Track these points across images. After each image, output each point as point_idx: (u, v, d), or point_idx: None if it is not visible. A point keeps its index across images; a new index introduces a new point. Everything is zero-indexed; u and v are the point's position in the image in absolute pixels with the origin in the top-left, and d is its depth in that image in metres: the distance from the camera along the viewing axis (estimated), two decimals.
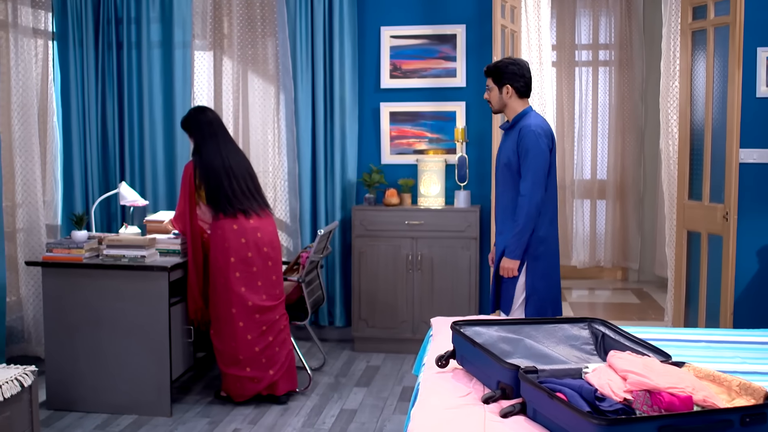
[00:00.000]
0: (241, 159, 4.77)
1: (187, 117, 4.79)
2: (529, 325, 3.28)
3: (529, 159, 4.14)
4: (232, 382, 4.67)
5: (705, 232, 5.63)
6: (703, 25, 5.59)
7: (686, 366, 2.79)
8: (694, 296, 5.81)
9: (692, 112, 5.80)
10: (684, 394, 2.43)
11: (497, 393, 2.73)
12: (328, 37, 5.95)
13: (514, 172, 4.20)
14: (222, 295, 4.59)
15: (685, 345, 3.61)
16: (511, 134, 4.25)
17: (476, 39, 5.92)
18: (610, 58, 8.30)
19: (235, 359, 4.62)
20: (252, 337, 4.61)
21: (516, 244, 4.21)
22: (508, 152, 4.23)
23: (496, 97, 4.28)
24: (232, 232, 4.57)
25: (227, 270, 4.57)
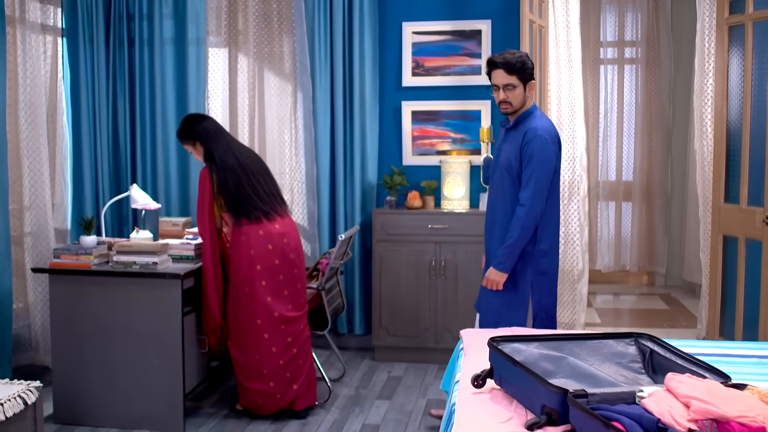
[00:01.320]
0: (254, 156, 4.56)
1: (185, 127, 4.53)
2: (571, 341, 3.04)
3: (532, 166, 3.88)
4: (254, 397, 4.43)
5: (742, 237, 5.37)
6: (741, 19, 5.33)
7: (748, 388, 2.53)
8: (730, 304, 5.55)
9: (728, 112, 5.54)
10: (756, 424, 2.18)
11: (542, 419, 2.48)
12: (347, 33, 5.72)
13: (514, 177, 3.95)
14: (246, 306, 4.35)
15: (737, 362, 3.35)
16: (513, 135, 3.99)
17: (502, 35, 5.68)
18: (637, 55, 8.03)
19: (258, 373, 4.39)
20: (277, 349, 4.38)
21: (507, 256, 3.95)
22: (509, 155, 3.96)
23: (520, 96, 3.97)
24: (258, 237, 4.33)
25: (252, 279, 4.32)
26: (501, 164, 4.00)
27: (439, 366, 5.50)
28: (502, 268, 3.97)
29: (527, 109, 4.00)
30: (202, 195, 4.37)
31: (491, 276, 3.99)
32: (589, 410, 2.28)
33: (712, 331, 5.65)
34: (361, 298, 5.86)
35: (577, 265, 6.02)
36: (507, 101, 3.95)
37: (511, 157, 3.93)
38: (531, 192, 3.89)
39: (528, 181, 3.89)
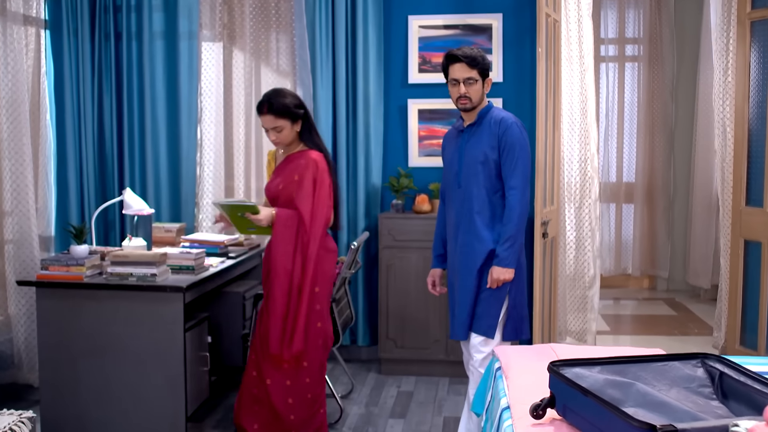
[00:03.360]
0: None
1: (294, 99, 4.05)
2: (634, 364, 2.73)
3: (516, 154, 3.78)
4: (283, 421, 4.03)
5: (766, 242, 5.13)
6: (765, 14, 5.09)
7: None
8: (752, 312, 5.30)
9: (750, 111, 5.30)
10: None
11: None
12: (350, 26, 5.39)
13: (491, 170, 3.80)
14: (314, 326, 4.00)
15: None
16: (479, 130, 3.84)
17: (514, 30, 5.38)
18: (639, 53, 7.79)
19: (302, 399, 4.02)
20: (321, 374, 4.08)
21: (510, 249, 3.75)
22: (482, 148, 3.81)
23: (479, 91, 3.83)
24: (332, 252, 4.14)
25: (325, 297, 4.06)
26: (472, 161, 3.84)
27: (450, 380, 5.20)
28: (508, 263, 3.76)
29: (486, 104, 3.89)
30: (321, 182, 3.98)
31: (499, 276, 3.75)
32: None
33: (732, 339, 5.41)
34: (366, 308, 5.54)
35: (588, 271, 5.75)
36: (467, 96, 3.80)
37: (486, 149, 3.81)
38: (520, 177, 3.78)
39: (515, 168, 3.78)
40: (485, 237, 3.81)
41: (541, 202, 4.88)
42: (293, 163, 4.01)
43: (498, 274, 3.74)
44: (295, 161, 4.01)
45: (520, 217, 3.76)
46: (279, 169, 4.08)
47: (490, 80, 3.87)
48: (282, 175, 4.03)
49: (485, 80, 3.84)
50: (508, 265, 3.75)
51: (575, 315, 5.81)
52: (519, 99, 5.38)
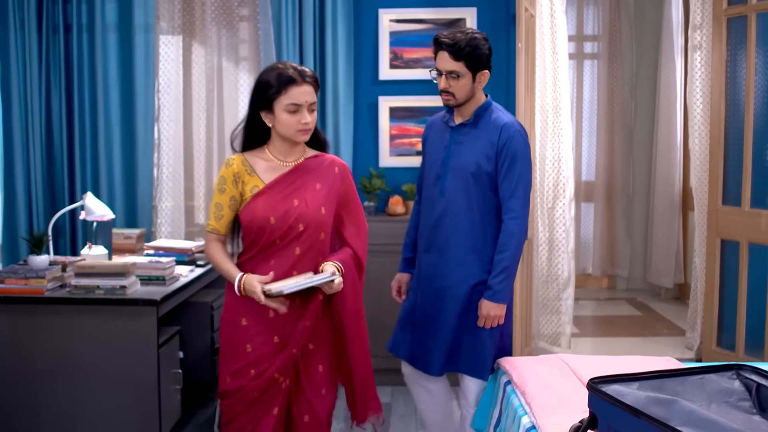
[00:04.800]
0: None
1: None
2: (671, 379, 2.55)
3: (517, 168, 3.24)
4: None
5: (745, 241, 5.05)
6: (743, 10, 5.01)
7: None
8: (729, 312, 5.23)
9: (726, 109, 5.22)
10: None
11: None
12: (318, 20, 5.12)
13: (484, 183, 3.28)
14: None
15: None
16: (475, 132, 3.31)
17: (489, 24, 5.19)
18: (598, 50, 7.70)
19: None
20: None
21: (506, 282, 3.24)
22: (475, 156, 3.27)
23: (466, 87, 3.26)
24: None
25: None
26: (461, 169, 3.30)
27: None
28: (501, 299, 3.24)
29: (484, 102, 3.36)
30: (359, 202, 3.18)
31: (490, 312, 3.23)
32: None
33: (708, 340, 5.32)
34: None
35: (562, 273, 5.62)
36: (449, 91, 3.25)
37: (480, 158, 3.26)
38: (522, 200, 3.27)
39: (516, 187, 3.25)
40: (470, 262, 3.30)
41: None
42: (315, 172, 2.92)
43: (488, 309, 3.23)
44: (319, 169, 2.93)
45: (518, 246, 3.27)
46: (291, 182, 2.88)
47: (486, 74, 3.30)
48: (306, 189, 2.89)
49: (477, 74, 3.26)
50: (501, 300, 3.24)
51: (548, 318, 5.67)
52: (494, 95, 5.12)
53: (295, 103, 2.78)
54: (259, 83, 2.84)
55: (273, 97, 2.80)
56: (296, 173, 2.91)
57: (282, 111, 2.79)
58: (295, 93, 2.78)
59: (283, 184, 2.88)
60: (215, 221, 2.91)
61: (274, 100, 2.80)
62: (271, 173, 2.89)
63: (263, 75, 2.85)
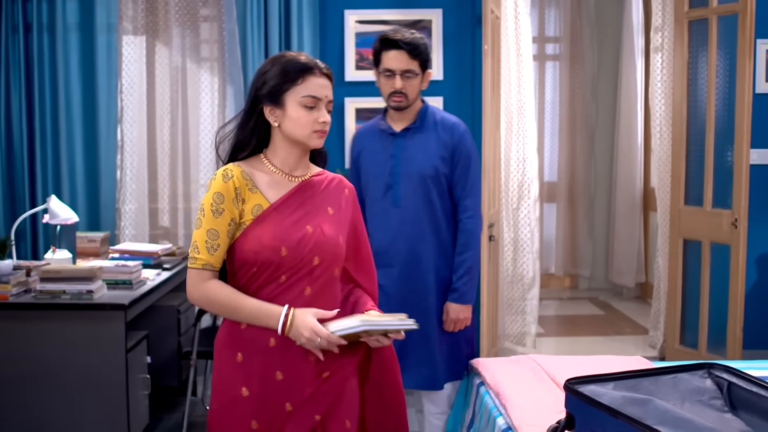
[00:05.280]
0: None
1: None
2: (645, 378, 2.58)
3: (471, 169, 3.27)
4: None
5: (707, 241, 5.13)
6: (704, 13, 5.09)
7: None
8: (692, 311, 5.31)
9: (688, 110, 5.29)
10: None
11: None
12: (284, 20, 5.07)
13: (442, 186, 3.26)
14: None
15: None
16: (423, 136, 3.25)
17: (454, 25, 5.20)
18: (559, 52, 7.77)
19: None
20: None
21: (470, 283, 3.25)
22: (431, 158, 3.22)
23: (417, 87, 3.21)
24: None
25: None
26: (416, 174, 3.23)
27: None
28: (467, 299, 3.25)
29: (423, 103, 3.32)
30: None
31: (459, 315, 3.22)
32: None
33: (672, 339, 5.39)
34: None
35: (527, 273, 5.66)
36: (403, 92, 3.16)
37: (436, 160, 3.23)
38: (477, 198, 3.32)
39: (472, 186, 3.28)
40: (441, 268, 3.28)
41: (487, 203, 4.72)
42: (324, 193, 2.33)
43: (456, 313, 3.22)
44: (327, 190, 2.34)
45: (478, 245, 3.29)
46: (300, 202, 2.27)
47: (429, 74, 3.27)
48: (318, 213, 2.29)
49: (425, 73, 3.23)
50: (468, 301, 3.24)
51: (513, 318, 5.71)
52: (460, 97, 5.21)
53: (314, 96, 2.23)
54: (265, 72, 2.27)
55: (286, 87, 2.23)
56: (304, 192, 2.29)
57: (296, 105, 2.22)
58: (314, 84, 2.24)
59: (292, 205, 2.26)
60: (208, 254, 2.19)
61: (287, 91, 2.23)
62: (275, 190, 2.26)
63: (271, 63, 2.28)
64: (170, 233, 5.25)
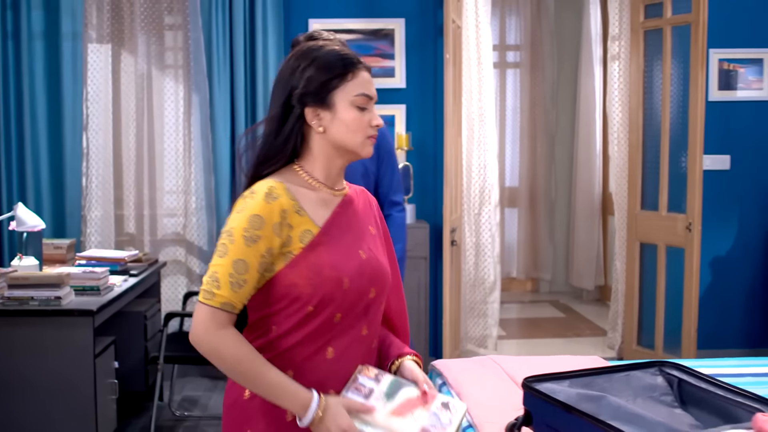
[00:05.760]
0: None
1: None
2: (599, 376, 2.70)
3: (394, 165, 3.49)
4: None
5: (663, 244, 5.28)
6: (659, 24, 5.25)
7: None
8: (648, 313, 5.46)
9: (644, 117, 5.45)
10: None
11: None
12: (249, 29, 5.15)
13: (371, 184, 3.41)
14: None
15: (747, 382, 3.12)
16: None
17: (417, 35, 5.32)
18: (520, 59, 7.91)
19: None
20: None
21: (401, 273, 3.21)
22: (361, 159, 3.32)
23: None
24: None
25: None
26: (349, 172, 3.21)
27: None
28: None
29: None
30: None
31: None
32: None
33: (629, 340, 5.54)
34: None
35: (489, 277, 5.77)
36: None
37: (365, 160, 3.21)
38: (402, 192, 3.55)
39: (398, 182, 3.51)
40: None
41: (449, 209, 4.84)
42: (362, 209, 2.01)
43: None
44: (363, 204, 2.02)
45: (406, 236, 3.47)
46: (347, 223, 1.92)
47: None
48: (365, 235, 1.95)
49: None
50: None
51: (475, 321, 5.81)
52: (422, 105, 5.32)
53: (367, 94, 1.85)
54: (300, 67, 1.83)
55: (334, 84, 1.83)
56: (348, 209, 1.94)
57: (348, 106, 1.83)
58: (364, 79, 1.86)
59: (341, 226, 1.89)
60: (230, 290, 1.73)
61: (336, 88, 1.83)
62: (321, 209, 1.87)
63: (302, 56, 1.84)
64: (136, 240, 5.30)
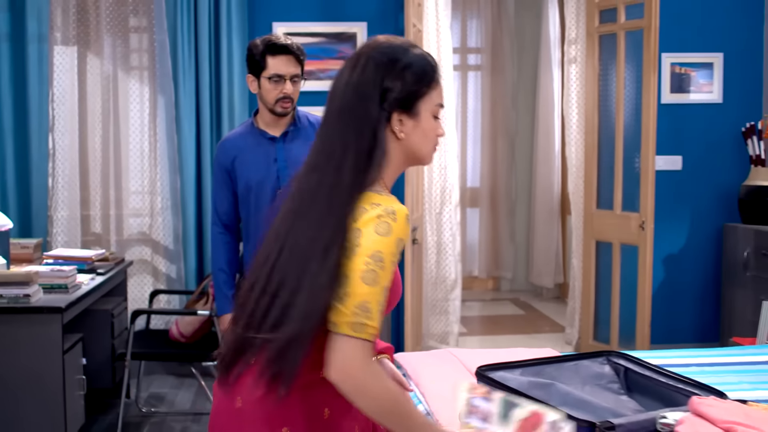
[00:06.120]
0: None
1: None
2: (549, 365, 2.86)
3: None
4: None
5: (617, 242, 5.46)
6: (613, 28, 5.43)
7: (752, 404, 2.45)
8: (604, 309, 5.63)
9: (599, 119, 5.62)
10: None
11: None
12: (213, 32, 5.24)
13: None
14: None
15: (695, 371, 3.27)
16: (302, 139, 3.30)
17: None
18: (481, 62, 8.08)
19: None
20: None
21: None
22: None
23: (298, 92, 3.28)
24: None
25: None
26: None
27: None
28: None
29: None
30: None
31: None
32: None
33: (586, 335, 5.72)
34: None
35: (450, 275, 5.90)
36: (290, 98, 3.23)
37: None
38: None
39: None
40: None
41: (411, 208, 4.96)
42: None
43: None
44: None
45: None
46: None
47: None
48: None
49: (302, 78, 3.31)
50: None
51: (437, 318, 5.94)
52: None
53: (443, 104, 1.85)
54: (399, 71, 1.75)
55: (422, 92, 1.79)
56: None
57: (429, 115, 1.81)
58: (442, 89, 1.85)
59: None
60: (378, 320, 1.65)
61: (423, 96, 1.79)
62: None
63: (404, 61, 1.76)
64: (102, 239, 5.36)
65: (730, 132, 5.64)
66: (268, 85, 3.22)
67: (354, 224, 1.66)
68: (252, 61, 3.25)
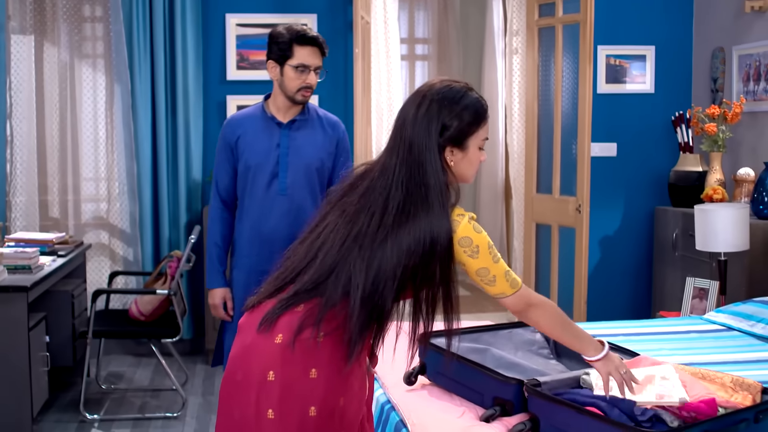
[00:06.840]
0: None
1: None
2: (486, 333, 3.14)
3: (349, 162, 3.46)
4: None
5: (555, 225, 5.76)
6: (551, 22, 5.71)
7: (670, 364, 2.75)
8: (544, 289, 5.94)
9: (539, 108, 5.92)
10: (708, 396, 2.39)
11: (497, 410, 2.54)
12: (168, 22, 5.42)
13: (324, 178, 3.40)
14: None
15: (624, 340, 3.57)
16: (309, 129, 3.36)
17: (328, 30, 5.65)
18: (428, 52, 8.33)
19: None
20: None
21: None
22: (318, 151, 3.35)
23: (317, 82, 3.34)
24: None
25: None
26: (304, 165, 3.34)
27: None
28: None
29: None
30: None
31: None
32: (559, 398, 2.37)
33: None
34: (189, 300, 5.59)
35: None
36: (312, 88, 3.30)
37: (322, 153, 3.37)
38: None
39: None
40: None
41: None
42: None
43: None
44: None
45: None
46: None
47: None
48: None
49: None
50: None
51: None
52: (334, 96, 5.66)
53: (487, 137, 2.24)
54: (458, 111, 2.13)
55: (473, 130, 2.16)
56: None
57: (475, 148, 2.19)
58: (488, 125, 2.24)
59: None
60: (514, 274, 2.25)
61: (473, 134, 2.17)
62: None
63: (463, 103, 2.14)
64: (60, 224, 5.51)
65: (661, 121, 5.98)
66: (292, 74, 3.24)
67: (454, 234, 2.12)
68: (277, 49, 3.27)
